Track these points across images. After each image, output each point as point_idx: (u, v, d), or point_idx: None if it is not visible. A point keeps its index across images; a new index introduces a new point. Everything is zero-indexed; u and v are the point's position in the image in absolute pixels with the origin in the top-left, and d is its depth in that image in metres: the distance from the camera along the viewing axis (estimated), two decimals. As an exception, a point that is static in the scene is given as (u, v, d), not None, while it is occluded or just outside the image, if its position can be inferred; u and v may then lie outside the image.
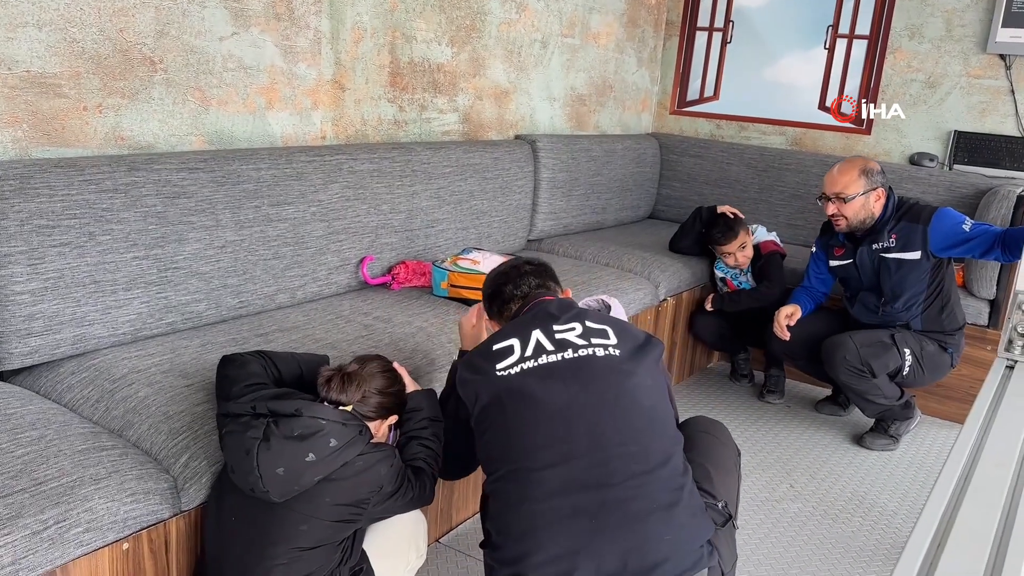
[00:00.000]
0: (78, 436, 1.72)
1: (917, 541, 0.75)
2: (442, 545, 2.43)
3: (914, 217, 3.02)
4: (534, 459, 1.57)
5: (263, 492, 1.56)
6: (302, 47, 2.71)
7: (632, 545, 1.50)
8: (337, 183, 2.69)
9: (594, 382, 1.63)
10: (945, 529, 0.77)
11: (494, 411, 1.63)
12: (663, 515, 1.54)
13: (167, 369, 2.03)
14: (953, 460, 0.90)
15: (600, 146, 4.19)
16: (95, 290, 2.07)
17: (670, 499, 1.56)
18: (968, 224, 2.94)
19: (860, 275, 3.16)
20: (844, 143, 4.38)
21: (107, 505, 1.57)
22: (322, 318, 2.51)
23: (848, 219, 3.04)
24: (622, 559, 1.49)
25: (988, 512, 0.80)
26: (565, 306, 1.80)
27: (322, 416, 1.62)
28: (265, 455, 1.56)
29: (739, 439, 3.26)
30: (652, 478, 1.57)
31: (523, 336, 1.70)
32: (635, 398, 1.64)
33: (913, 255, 3.00)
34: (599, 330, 1.72)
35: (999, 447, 0.94)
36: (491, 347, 1.71)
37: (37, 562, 1.46)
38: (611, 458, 1.56)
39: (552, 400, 1.60)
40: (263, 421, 1.60)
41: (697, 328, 3.78)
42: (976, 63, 3.98)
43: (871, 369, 3.01)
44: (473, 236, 3.37)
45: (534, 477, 1.56)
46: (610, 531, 1.51)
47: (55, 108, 2.11)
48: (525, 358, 1.66)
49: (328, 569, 1.67)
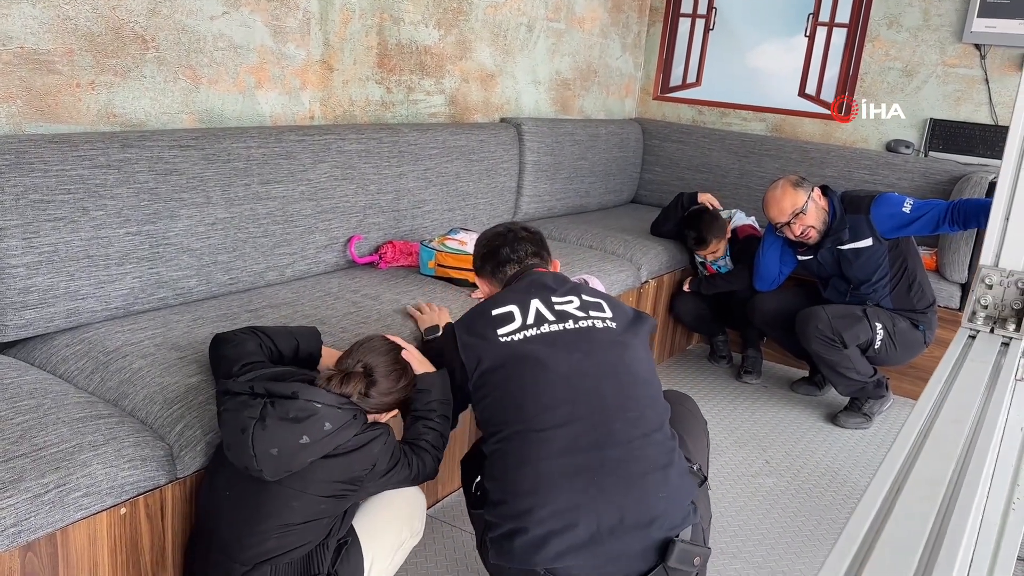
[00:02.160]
0: (75, 405, 1.76)
1: (876, 488, 0.81)
2: (430, 516, 2.49)
3: (855, 208, 3.16)
4: (540, 421, 1.65)
5: (257, 471, 1.60)
6: (291, 27, 2.74)
7: (630, 501, 1.60)
8: (326, 163, 2.73)
9: (595, 351, 1.73)
10: (903, 477, 0.83)
11: (498, 375, 1.71)
12: (659, 475, 1.64)
13: (160, 342, 2.07)
14: (915, 416, 0.96)
15: (584, 130, 4.24)
16: (88, 264, 2.10)
17: (665, 460, 1.67)
18: (908, 205, 3.06)
19: (825, 268, 3.30)
20: (823, 129, 4.46)
21: (105, 471, 1.61)
22: (311, 295, 2.55)
23: (815, 227, 3.16)
24: (620, 514, 1.59)
25: (943, 462, 0.86)
26: (560, 279, 1.90)
27: (318, 400, 1.65)
28: (260, 435, 1.59)
29: (717, 417, 3.36)
30: (649, 441, 1.67)
31: (522, 304, 1.78)
32: (632, 368, 1.75)
33: (865, 242, 3.15)
34: (595, 303, 1.83)
35: (957, 404, 1.01)
36: (489, 311, 1.78)
37: (38, 524, 1.50)
38: (612, 421, 1.66)
39: (557, 366, 1.69)
40: (260, 401, 1.63)
41: (677, 310, 3.85)
42: (952, 52, 4.07)
43: (842, 339, 3.12)
44: (459, 217, 3.42)
45: (540, 437, 1.64)
46: (610, 489, 1.60)
47: (48, 84, 2.13)
48: (527, 325, 1.74)
49: (316, 543, 1.72)
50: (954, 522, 0.75)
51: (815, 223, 3.15)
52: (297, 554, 1.69)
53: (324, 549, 1.74)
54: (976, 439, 0.92)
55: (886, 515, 0.75)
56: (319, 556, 1.73)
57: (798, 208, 3.12)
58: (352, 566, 1.79)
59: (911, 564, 0.68)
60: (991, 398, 1.05)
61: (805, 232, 3.16)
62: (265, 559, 1.66)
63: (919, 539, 0.71)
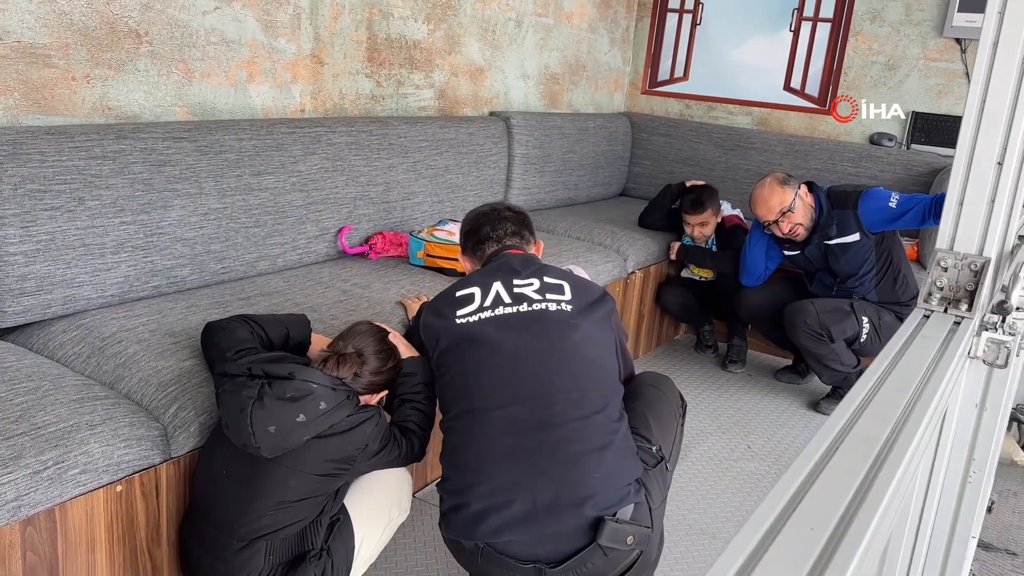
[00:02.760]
0: (72, 387, 1.82)
1: (815, 444, 0.87)
2: (417, 499, 2.56)
3: (842, 204, 3.22)
4: (485, 401, 1.74)
5: (255, 448, 1.67)
6: (282, 22, 2.79)
7: (564, 481, 1.67)
8: (316, 155, 2.79)
9: (543, 334, 1.80)
10: (841, 436, 0.90)
11: (452, 355, 1.80)
12: (595, 456, 1.70)
13: (154, 328, 2.13)
14: (861, 383, 1.03)
15: (573, 124, 4.31)
16: (84, 253, 2.16)
17: (602, 442, 1.72)
18: (895, 200, 3.12)
19: (812, 262, 3.37)
20: (808, 123, 4.52)
21: (102, 449, 1.67)
22: (302, 284, 2.62)
23: (803, 224, 3.21)
24: (555, 493, 1.66)
25: (881, 424, 0.93)
26: (528, 261, 1.95)
27: (313, 380, 1.72)
28: (259, 414, 1.66)
29: (702, 405, 3.43)
30: (588, 423, 1.73)
31: (484, 286, 1.85)
32: (580, 350, 1.80)
33: (853, 237, 3.21)
34: (555, 285, 1.88)
35: (902, 375, 1.07)
36: (454, 293, 1.87)
37: (38, 499, 1.56)
38: (553, 403, 1.73)
39: (503, 347, 1.76)
40: (258, 382, 1.70)
41: (664, 301, 3.92)
42: (933, 46, 4.14)
43: (830, 334, 3.19)
44: (448, 209, 3.48)
45: (484, 417, 1.73)
46: (546, 468, 1.68)
47: (45, 78, 2.19)
48: (483, 308, 1.82)
49: (310, 519, 1.79)
50: (883, 474, 0.82)
51: (803, 220, 3.20)
52: (292, 530, 1.76)
53: (317, 526, 1.81)
54: (915, 404, 0.99)
55: (822, 467, 0.82)
56: (312, 532, 1.81)
57: (786, 206, 3.17)
58: (344, 542, 1.87)
59: (838, 510, 0.75)
60: (935, 370, 1.12)
61: (793, 230, 3.21)
62: (261, 535, 1.73)
63: (847, 491, 0.78)
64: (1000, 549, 2.61)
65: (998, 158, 1.38)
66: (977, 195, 1.40)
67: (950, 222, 1.43)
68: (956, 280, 1.42)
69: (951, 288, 1.43)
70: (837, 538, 0.70)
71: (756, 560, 0.65)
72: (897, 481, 0.82)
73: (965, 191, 1.40)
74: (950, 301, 1.43)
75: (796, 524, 0.70)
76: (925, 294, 1.44)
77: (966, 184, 1.40)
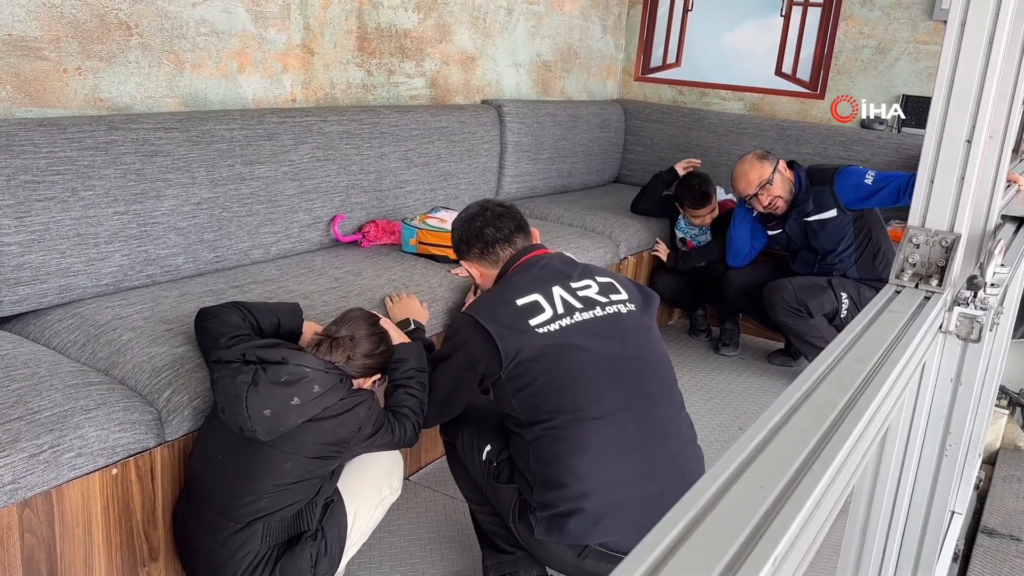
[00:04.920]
0: (67, 373, 1.86)
1: (772, 410, 0.91)
2: (412, 482, 2.60)
3: (820, 180, 3.29)
4: (592, 409, 1.78)
5: (251, 431, 1.70)
6: (272, 12, 2.82)
7: (671, 477, 1.80)
8: (307, 144, 2.81)
9: (628, 337, 1.88)
10: (799, 403, 0.93)
11: (538, 365, 1.80)
12: (691, 450, 1.89)
13: (148, 316, 2.17)
14: (824, 354, 1.06)
15: (565, 111, 4.33)
16: (79, 243, 2.19)
17: (692, 434, 1.92)
18: (871, 177, 3.18)
19: (794, 240, 3.42)
20: (800, 107, 4.54)
21: (97, 433, 1.71)
22: (295, 272, 2.65)
23: (782, 197, 3.28)
24: (664, 488, 1.77)
25: (837, 394, 0.96)
26: (568, 261, 2.01)
27: (307, 364, 1.75)
28: (254, 398, 1.69)
29: (696, 388, 3.47)
30: (681, 418, 1.89)
31: (545, 293, 1.87)
32: (658, 349, 1.93)
33: (830, 213, 3.27)
34: (609, 284, 1.95)
35: (865, 347, 1.11)
36: (513, 301, 1.85)
37: (34, 482, 1.60)
38: (654, 404, 1.84)
39: (601, 355, 1.83)
40: (252, 367, 1.73)
41: (656, 286, 3.95)
42: (923, 29, 4.15)
43: (808, 309, 3.24)
44: (441, 197, 3.51)
45: (594, 425, 1.78)
46: (657, 466, 1.81)
47: (36, 70, 2.21)
48: (559, 315, 1.84)
49: (306, 501, 1.83)
50: (836, 437, 0.86)
51: (782, 193, 3.27)
52: (288, 512, 1.80)
53: (312, 507, 1.85)
54: (877, 373, 1.02)
55: (776, 432, 0.85)
56: (308, 514, 1.85)
57: (764, 179, 3.23)
58: (337, 521, 1.91)
59: (788, 471, 0.78)
60: (900, 342, 1.15)
61: (772, 203, 3.28)
62: (258, 517, 1.77)
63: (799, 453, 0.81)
64: (1004, 535, 2.63)
65: (967, 136, 1.41)
66: (947, 173, 1.43)
67: (921, 199, 1.45)
68: (928, 256, 1.45)
69: (923, 264, 1.46)
70: (785, 497, 0.74)
71: (702, 518, 0.69)
72: (850, 444, 0.85)
73: (936, 169, 1.43)
74: (921, 277, 1.46)
75: (746, 482, 0.74)
76: (897, 270, 1.47)
77: (936, 162, 1.43)
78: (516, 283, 1.91)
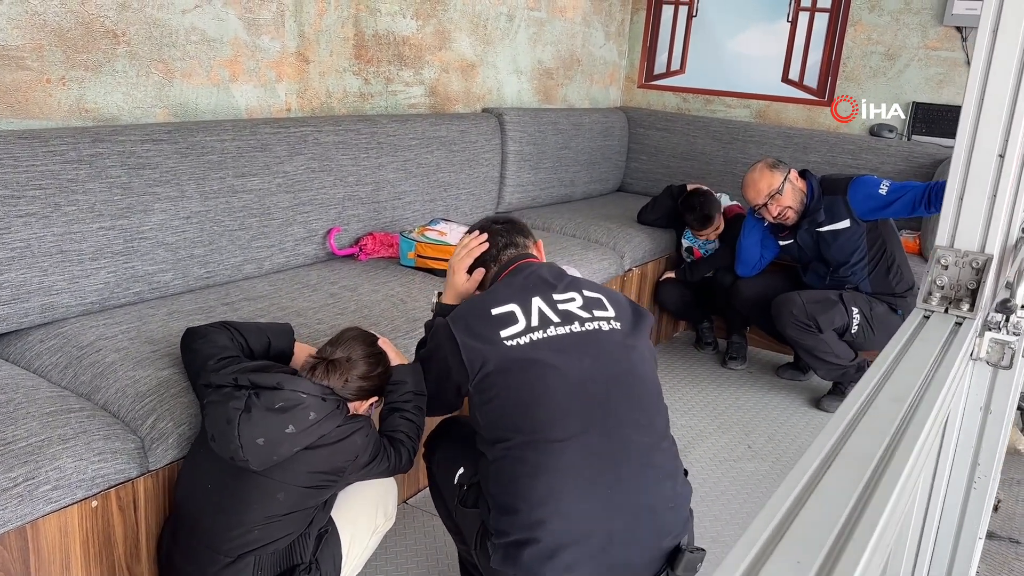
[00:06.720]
0: (46, 399, 1.77)
1: (805, 462, 0.81)
2: (409, 506, 2.50)
3: (833, 190, 3.18)
4: (552, 430, 1.61)
5: (243, 460, 1.61)
6: (265, 20, 2.73)
7: (642, 514, 1.60)
8: (302, 155, 2.73)
9: (603, 356, 1.69)
10: (833, 454, 0.84)
11: (502, 380, 1.65)
12: (668, 485, 1.65)
13: (134, 336, 2.08)
14: (855, 393, 0.97)
15: (568, 119, 4.24)
16: (62, 260, 2.11)
17: (672, 468, 1.68)
18: (885, 187, 3.09)
19: (805, 251, 3.32)
20: (806, 115, 4.45)
21: (75, 464, 1.62)
22: (289, 287, 2.56)
23: (793, 207, 3.19)
24: (632, 526, 1.59)
25: (876, 439, 0.87)
26: (557, 273, 1.83)
27: (302, 390, 1.66)
28: (246, 425, 1.60)
29: (702, 404, 3.37)
30: (659, 449, 1.67)
31: (523, 303, 1.71)
32: (639, 371, 1.72)
33: (843, 224, 3.17)
34: (596, 300, 1.77)
35: (899, 383, 1.01)
36: (488, 310, 1.71)
37: (7, 518, 1.51)
38: (624, 429, 1.64)
39: (568, 373, 1.64)
40: (245, 393, 1.64)
41: (661, 298, 3.86)
42: (933, 35, 4.06)
43: (817, 324, 3.14)
44: (440, 208, 3.42)
45: (552, 448, 1.60)
46: (623, 502, 1.60)
47: (18, 80, 2.13)
48: (532, 328, 1.68)
49: (298, 533, 1.74)
50: (877, 497, 0.76)
51: (792, 204, 3.18)
52: (280, 544, 1.71)
53: (306, 539, 1.76)
54: (913, 415, 0.93)
55: (810, 491, 0.76)
56: (301, 545, 1.76)
57: (774, 189, 3.14)
58: (332, 553, 1.82)
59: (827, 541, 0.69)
60: (935, 377, 1.06)
61: (782, 213, 3.18)
62: (249, 550, 1.68)
63: (836, 519, 0.72)
64: (1004, 538, 2.58)
65: (999, 150, 1.31)
66: (978, 189, 1.33)
67: (950, 218, 1.36)
68: (957, 279, 1.36)
69: (952, 287, 1.37)
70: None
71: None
72: (892, 504, 0.76)
73: (965, 185, 1.33)
74: (951, 301, 1.37)
75: (778, 560, 0.64)
76: (925, 293, 1.38)
77: (966, 178, 1.33)
78: (496, 291, 1.78)
